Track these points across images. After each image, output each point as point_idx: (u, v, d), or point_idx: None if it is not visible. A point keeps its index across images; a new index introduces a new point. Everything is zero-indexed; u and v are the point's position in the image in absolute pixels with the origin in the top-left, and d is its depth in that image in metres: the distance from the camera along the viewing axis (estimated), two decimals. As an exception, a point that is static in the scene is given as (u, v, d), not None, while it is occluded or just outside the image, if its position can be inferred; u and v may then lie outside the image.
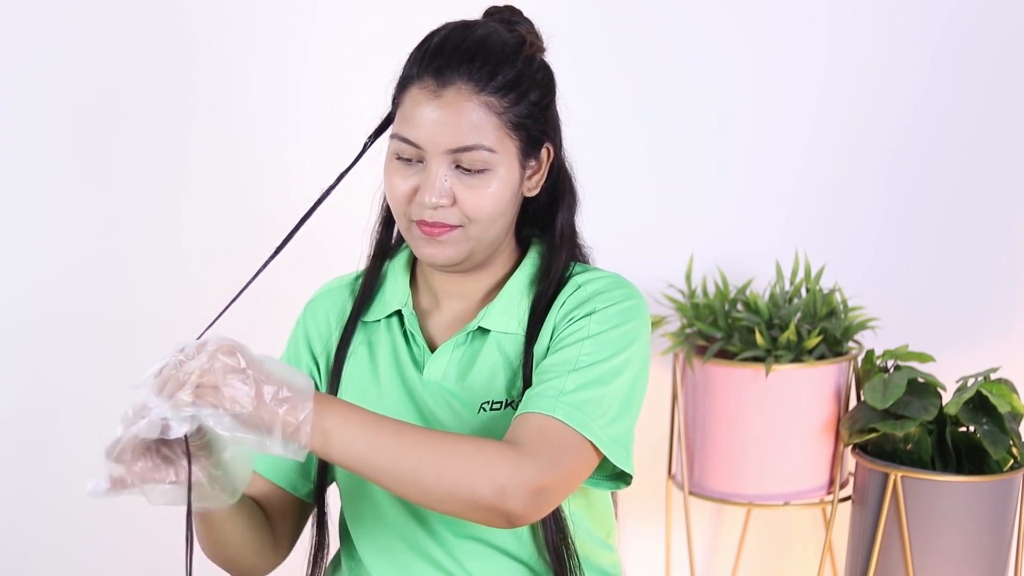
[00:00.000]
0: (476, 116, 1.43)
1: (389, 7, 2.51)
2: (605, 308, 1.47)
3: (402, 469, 1.30)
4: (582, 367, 1.43)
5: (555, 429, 1.39)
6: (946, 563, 2.23)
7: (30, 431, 2.51)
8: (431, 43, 1.46)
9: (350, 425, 1.29)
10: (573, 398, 1.40)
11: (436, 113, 1.42)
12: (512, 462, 1.33)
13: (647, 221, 2.68)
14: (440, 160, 1.43)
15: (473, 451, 1.33)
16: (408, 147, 1.44)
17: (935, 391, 2.28)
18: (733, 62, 2.67)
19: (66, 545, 2.54)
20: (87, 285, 2.50)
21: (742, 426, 2.40)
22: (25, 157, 2.47)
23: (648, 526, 2.65)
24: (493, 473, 1.32)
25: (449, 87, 1.42)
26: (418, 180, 1.44)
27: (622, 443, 1.44)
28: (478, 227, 1.45)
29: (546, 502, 1.36)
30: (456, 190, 1.43)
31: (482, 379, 1.50)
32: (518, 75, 1.45)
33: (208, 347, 1.24)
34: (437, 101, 1.42)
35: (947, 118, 2.70)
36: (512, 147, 1.46)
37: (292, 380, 1.27)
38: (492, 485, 1.32)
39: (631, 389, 1.46)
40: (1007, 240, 2.73)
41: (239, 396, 1.22)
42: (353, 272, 1.63)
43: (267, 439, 1.24)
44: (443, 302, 1.55)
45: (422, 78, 1.43)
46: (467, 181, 1.44)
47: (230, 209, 2.53)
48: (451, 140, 1.42)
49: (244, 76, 2.53)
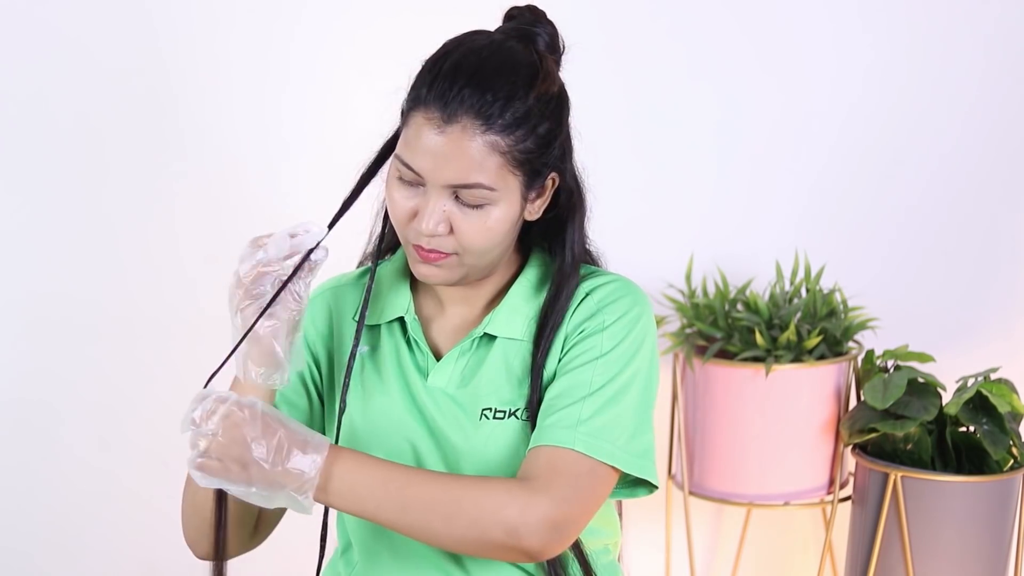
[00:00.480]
0: (479, 155, 1.39)
1: (381, 12, 2.51)
2: (614, 323, 1.47)
3: (413, 521, 1.35)
4: (595, 390, 1.43)
5: (573, 461, 1.40)
6: (946, 563, 2.23)
7: (30, 430, 2.51)
8: (443, 66, 1.42)
9: (357, 483, 1.34)
10: (590, 426, 1.41)
11: (439, 147, 1.39)
12: (523, 501, 1.35)
13: (647, 221, 2.68)
14: (440, 191, 1.41)
15: (481, 495, 1.35)
16: (408, 171, 1.42)
17: (935, 391, 2.28)
18: (733, 61, 2.67)
19: (68, 543, 2.54)
20: (87, 283, 2.50)
21: (742, 426, 2.40)
22: (26, 158, 2.47)
23: (648, 526, 2.65)
24: (503, 515, 1.35)
25: (455, 123, 1.39)
26: (418, 203, 1.42)
27: (646, 455, 1.46)
28: (472, 256, 1.44)
29: (566, 534, 1.38)
30: (454, 220, 1.42)
31: (485, 385, 1.49)
32: (527, 111, 1.41)
33: (219, 413, 1.31)
34: (441, 136, 1.39)
35: (947, 118, 2.70)
36: (515, 182, 1.43)
37: (304, 437, 1.33)
38: (503, 527, 1.35)
39: (643, 397, 1.47)
40: (1007, 240, 2.73)
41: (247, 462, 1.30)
42: (353, 272, 1.62)
43: (275, 496, 1.32)
44: (448, 308, 1.54)
45: (428, 106, 1.40)
46: (466, 213, 1.42)
47: (232, 209, 2.53)
48: (451, 175, 1.40)
49: (241, 76, 2.53)
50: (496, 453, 1.47)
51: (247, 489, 1.31)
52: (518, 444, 1.47)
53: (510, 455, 1.47)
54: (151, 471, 2.51)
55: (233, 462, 1.30)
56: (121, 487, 2.53)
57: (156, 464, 2.51)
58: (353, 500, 1.35)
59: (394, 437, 1.50)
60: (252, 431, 1.30)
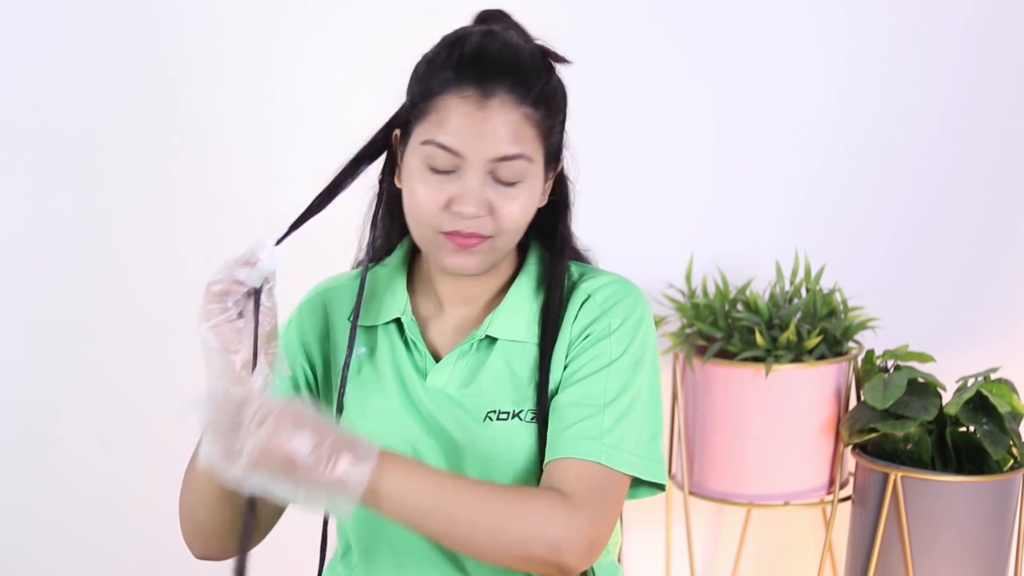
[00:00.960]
0: (519, 126, 1.42)
1: (379, 11, 2.51)
2: (620, 326, 1.47)
3: (456, 532, 1.35)
4: (612, 399, 1.45)
5: (600, 474, 1.41)
6: (946, 563, 2.23)
7: (30, 430, 2.51)
8: (463, 50, 1.43)
9: (408, 492, 1.33)
10: (612, 437, 1.43)
11: (481, 123, 1.41)
12: (565, 518, 1.37)
13: (647, 221, 2.68)
14: (479, 170, 1.41)
15: (526, 509, 1.36)
16: (445, 155, 1.42)
17: (935, 391, 2.28)
18: (733, 61, 2.67)
19: (67, 543, 2.54)
20: (87, 284, 2.50)
21: (742, 426, 2.40)
22: (25, 158, 2.47)
23: (648, 526, 2.65)
24: (547, 532, 1.36)
25: (493, 97, 1.41)
26: (452, 190, 1.42)
27: (660, 458, 1.48)
28: (505, 238, 1.45)
29: (599, 549, 1.40)
30: (492, 200, 1.43)
31: (488, 387, 1.49)
32: (551, 88, 1.46)
33: (272, 415, 1.28)
34: (482, 112, 1.41)
35: (948, 118, 2.70)
36: (541, 159, 1.46)
37: (353, 442, 1.31)
38: (547, 544, 1.36)
39: (652, 400, 1.49)
40: (1007, 240, 2.73)
41: (295, 466, 1.27)
42: (349, 272, 1.61)
43: (319, 499, 1.30)
44: (448, 308, 1.54)
45: (461, 86, 1.41)
46: (502, 192, 1.43)
47: (231, 209, 2.53)
48: (495, 149, 1.41)
49: (239, 76, 2.53)
50: (500, 453, 1.47)
51: (293, 492, 1.29)
52: (522, 445, 1.47)
53: (514, 455, 1.47)
54: (151, 471, 2.51)
55: (280, 465, 1.28)
56: (121, 487, 2.53)
57: (156, 464, 2.51)
58: (402, 509, 1.34)
59: (393, 437, 1.49)
60: (302, 434, 1.28)
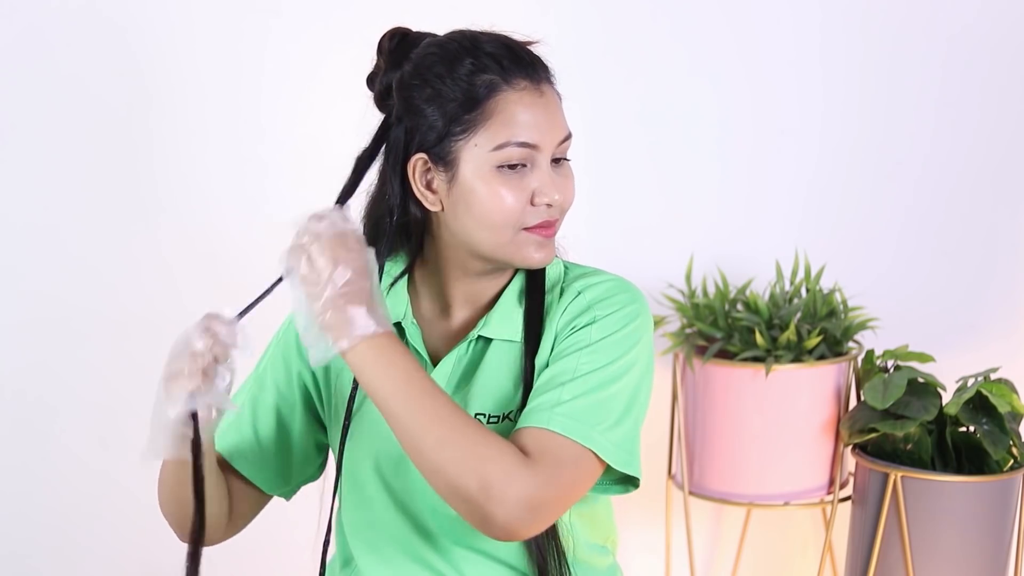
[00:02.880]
0: (561, 106, 1.47)
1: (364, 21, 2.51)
2: (606, 316, 1.45)
3: (411, 426, 1.33)
4: (579, 376, 1.41)
5: (553, 441, 1.37)
6: (946, 563, 2.23)
7: (28, 430, 2.51)
8: (488, 49, 1.43)
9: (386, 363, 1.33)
10: (570, 407, 1.39)
11: (544, 110, 1.43)
12: (511, 466, 1.32)
13: (647, 221, 2.68)
14: (549, 157, 1.44)
15: (480, 439, 1.33)
16: (523, 151, 1.42)
17: (935, 391, 2.28)
18: (733, 62, 2.67)
19: (66, 543, 2.54)
20: (84, 285, 2.50)
21: (742, 426, 2.40)
22: (22, 161, 2.47)
23: (648, 526, 2.65)
24: (485, 468, 1.32)
25: (544, 83, 1.44)
26: (529, 184, 1.42)
27: (625, 447, 1.42)
28: (563, 217, 1.48)
29: (541, 517, 1.35)
30: (558, 183, 1.45)
31: (481, 388, 1.49)
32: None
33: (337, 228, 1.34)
34: (542, 99, 1.43)
35: (948, 118, 2.70)
36: None
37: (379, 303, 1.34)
38: (480, 480, 1.31)
39: (635, 392, 1.44)
40: (1007, 240, 2.73)
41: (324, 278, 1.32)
42: None
43: (311, 326, 1.32)
44: (454, 311, 1.53)
45: (513, 81, 1.42)
46: (562, 172, 1.46)
47: (229, 209, 2.53)
48: (561, 131, 1.45)
49: (227, 80, 2.53)
50: None
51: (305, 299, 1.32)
52: None
53: None
54: (149, 471, 2.50)
55: (314, 267, 1.32)
56: (119, 487, 2.53)
57: (154, 464, 2.51)
58: (372, 375, 1.34)
59: (390, 442, 1.48)
60: (350, 259, 1.32)
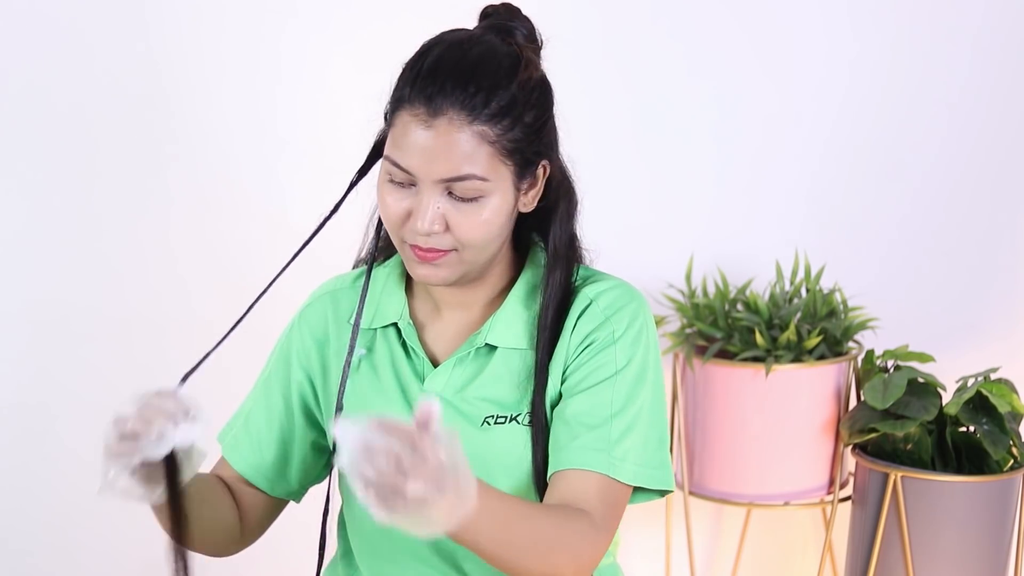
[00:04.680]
0: (468, 146, 1.38)
1: (375, 13, 2.52)
2: (624, 332, 1.47)
3: (517, 560, 1.32)
4: (618, 410, 1.44)
5: (612, 488, 1.43)
6: (946, 563, 2.23)
7: (29, 433, 2.51)
8: (424, 63, 1.41)
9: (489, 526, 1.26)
10: (621, 448, 1.43)
11: (428, 142, 1.38)
12: (593, 541, 1.39)
13: (647, 221, 2.68)
14: (432, 188, 1.40)
15: (569, 535, 1.36)
16: (399, 172, 1.41)
17: (935, 391, 2.28)
18: (733, 62, 2.67)
19: (67, 545, 2.54)
20: (85, 287, 2.50)
21: (742, 426, 2.40)
22: (21, 162, 2.47)
23: (648, 526, 2.65)
24: (581, 554, 1.38)
25: (440, 116, 1.38)
26: (411, 203, 1.41)
27: (665, 465, 1.48)
28: (471, 252, 1.43)
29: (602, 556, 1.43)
30: (449, 216, 1.40)
31: (486, 393, 1.49)
32: (512, 100, 1.40)
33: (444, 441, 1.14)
34: (429, 131, 1.38)
35: (948, 118, 2.70)
36: (506, 172, 1.42)
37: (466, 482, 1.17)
38: (577, 565, 1.38)
39: (655, 408, 1.48)
40: (1008, 240, 2.73)
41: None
42: (351, 273, 1.61)
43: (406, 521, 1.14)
44: (445, 313, 1.53)
45: (413, 104, 1.39)
46: (460, 207, 1.40)
47: (227, 211, 2.53)
48: (443, 170, 1.39)
49: (234, 77, 2.53)
50: (498, 457, 1.47)
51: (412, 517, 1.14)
52: (520, 448, 1.47)
53: (509, 458, 1.47)
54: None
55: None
56: (121, 487, 2.53)
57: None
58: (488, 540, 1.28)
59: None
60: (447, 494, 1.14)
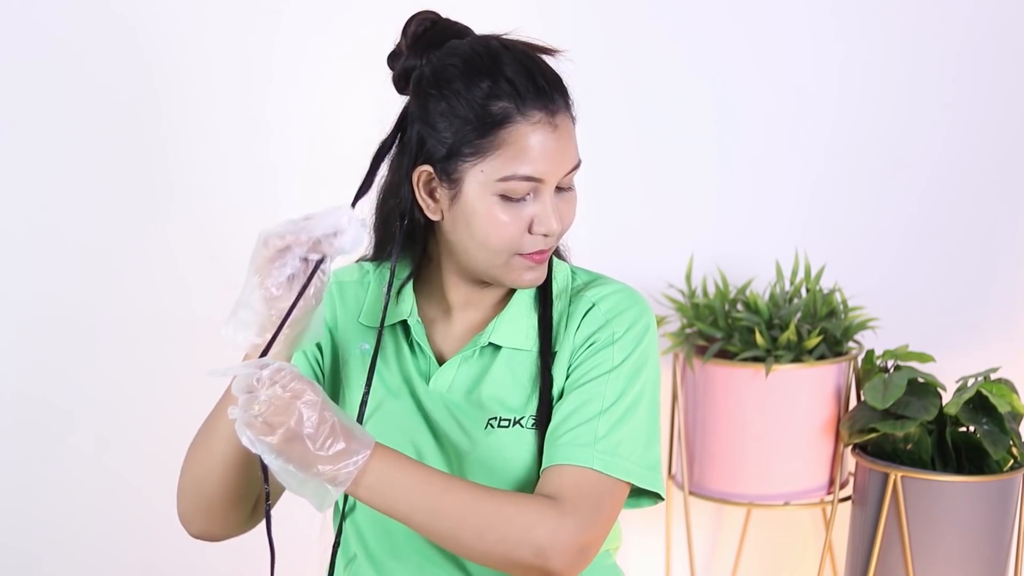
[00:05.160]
0: (574, 134, 1.44)
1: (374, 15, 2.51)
2: (624, 334, 1.47)
3: (443, 529, 1.35)
4: (609, 405, 1.44)
5: (594, 481, 1.41)
6: (946, 563, 2.23)
7: (31, 428, 2.52)
8: (507, 72, 1.40)
9: (394, 482, 1.33)
10: (607, 443, 1.42)
11: (556, 144, 1.41)
12: (553, 523, 1.36)
13: (647, 221, 2.68)
14: (552, 188, 1.42)
15: (514, 512, 1.35)
16: (528, 184, 1.41)
17: (935, 391, 2.28)
18: (733, 62, 2.67)
19: (69, 541, 2.54)
20: (87, 284, 2.50)
21: (742, 426, 2.40)
22: (25, 162, 2.47)
23: (648, 526, 2.65)
24: (533, 535, 1.35)
25: (558, 115, 1.42)
26: (530, 212, 1.42)
27: (656, 467, 1.47)
28: (557, 240, 1.46)
29: (589, 556, 1.40)
30: (558, 212, 1.44)
31: (491, 395, 1.49)
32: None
33: (279, 383, 1.28)
34: (555, 133, 1.41)
35: (949, 118, 2.71)
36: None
37: (352, 430, 1.30)
38: (531, 547, 1.35)
39: (652, 408, 1.48)
40: (1008, 240, 2.73)
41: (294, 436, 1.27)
42: (354, 268, 1.61)
43: (307, 480, 1.28)
44: (455, 313, 1.54)
45: (528, 113, 1.40)
46: (564, 198, 1.45)
47: (229, 210, 2.53)
48: (569, 164, 1.43)
49: (229, 78, 2.53)
50: (501, 460, 1.47)
51: (284, 465, 1.27)
52: (523, 452, 1.47)
53: (515, 462, 1.47)
54: (152, 469, 2.51)
55: (281, 432, 1.26)
56: (122, 485, 2.54)
57: (157, 462, 2.51)
58: (386, 499, 1.33)
59: (397, 438, 1.50)
60: (308, 409, 1.27)
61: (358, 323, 1.57)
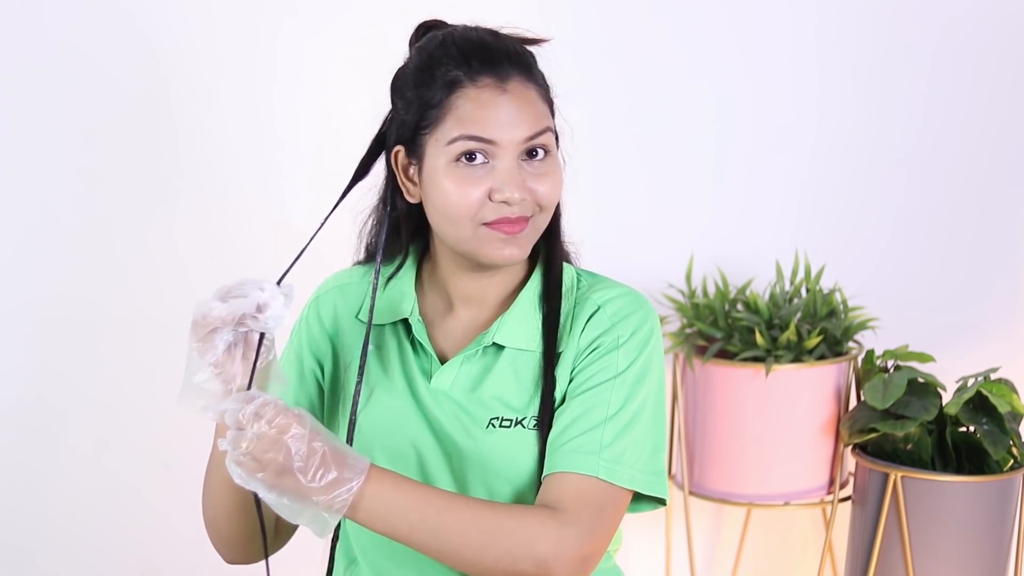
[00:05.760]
0: (538, 101, 1.45)
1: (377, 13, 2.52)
2: (629, 339, 1.47)
3: (444, 547, 1.35)
4: (614, 412, 1.44)
5: (598, 489, 1.41)
6: (946, 563, 2.23)
7: (31, 430, 2.51)
8: (459, 46, 1.44)
9: (392, 505, 1.33)
10: (612, 451, 1.42)
11: (507, 106, 1.42)
12: (555, 535, 1.36)
13: (647, 221, 2.68)
14: (512, 153, 1.42)
15: (515, 526, 1.35)
16: (475, 144, 1.42)
17: (935, 391, 2.28)
18: (733, 62, 2.67)
19: (69, 541, 2.54)
20: (88, 284, 2.50)
21: (742, 426, 2.40)
22: (27, 161, 2.47)
23: (648, 526, 2.65)
24: (535, 548, 1.35)
25: (510, 80, 1.43)
26: (488, 181, 1.42)
27: (661, 473, 1.47)
28: (543, 216, 1.46)
29: (591, 566, 1.40)
30: (528, 180, 1.44)
31: (493, 394, 1.49)
32: (536, 65, 1.48)
33: (265, 417, 1.28)
34: (505, 95, 1.42)
35: (949, 118, 2.70)
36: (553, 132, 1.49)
37: (344, 456, 1.31)
38: (534, 560, 1.35)
39: (656, 413, 1.48)
40: (1008, 240, 2.73)
41: (285, 470, 1.27)
42: (358, 269, 1.61)
43: (304, 511, 1.29)
44: (458, 309, 1.54)
45: (476, 78, 1.42)
46: (537, 168, 1.44)
47: (229, 209, 2.53)
48: (526, 129, 1.43)
49: (235, 76, 2.53)
50: (502, 460, 1.47)
51: (278, 498, 1.28)
52: (524, 452, 1.47)
53: (515, 462, 1.47)
54: (152, 471, 2.51)
55: (271, 467, 1.27)
56: (122, 486, 2.53)
57: (157, 464, 2.52)
58: (385, 522, 1.33)
59: (397, 437, 1.50)
60: (296, 442, 1.28)
61: (356, 320, 1.57)
